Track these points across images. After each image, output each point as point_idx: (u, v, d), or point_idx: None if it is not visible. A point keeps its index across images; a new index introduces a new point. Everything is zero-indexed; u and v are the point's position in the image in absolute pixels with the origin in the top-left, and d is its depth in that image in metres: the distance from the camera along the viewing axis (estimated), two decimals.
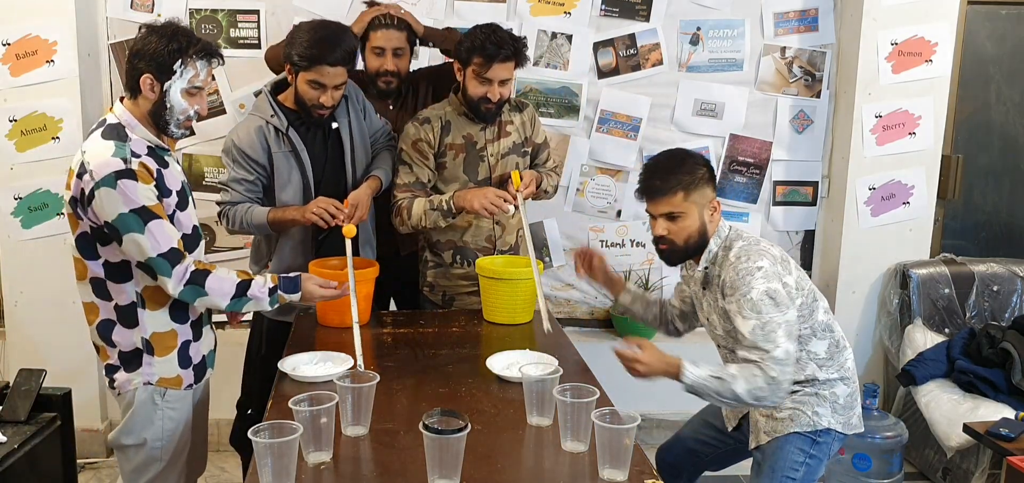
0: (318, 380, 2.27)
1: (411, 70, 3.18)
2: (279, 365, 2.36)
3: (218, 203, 2.84)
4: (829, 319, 2.41)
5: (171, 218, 2.18)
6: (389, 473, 1.84)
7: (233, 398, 3.11)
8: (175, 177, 2.23)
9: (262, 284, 2.25)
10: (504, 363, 2.40)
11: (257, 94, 3.02)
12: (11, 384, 2.63)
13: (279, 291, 2.28)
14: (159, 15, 3.62)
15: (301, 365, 2.37)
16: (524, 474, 1.91)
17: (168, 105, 2.15)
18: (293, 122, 2.78)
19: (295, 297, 2.32)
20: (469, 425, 1.74)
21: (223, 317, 3.86)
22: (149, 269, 2.14)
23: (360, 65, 3.14)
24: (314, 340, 2.63)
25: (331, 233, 2.79)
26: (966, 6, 4.02)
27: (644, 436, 3.81)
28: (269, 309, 2.30)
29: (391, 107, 3.15)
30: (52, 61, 3.48)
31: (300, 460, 1.80)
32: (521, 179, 2.87)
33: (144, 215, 2.08)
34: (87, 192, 2.09)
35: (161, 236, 2.10)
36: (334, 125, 2.84)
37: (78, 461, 2.88)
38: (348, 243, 2.67)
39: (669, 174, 2.32)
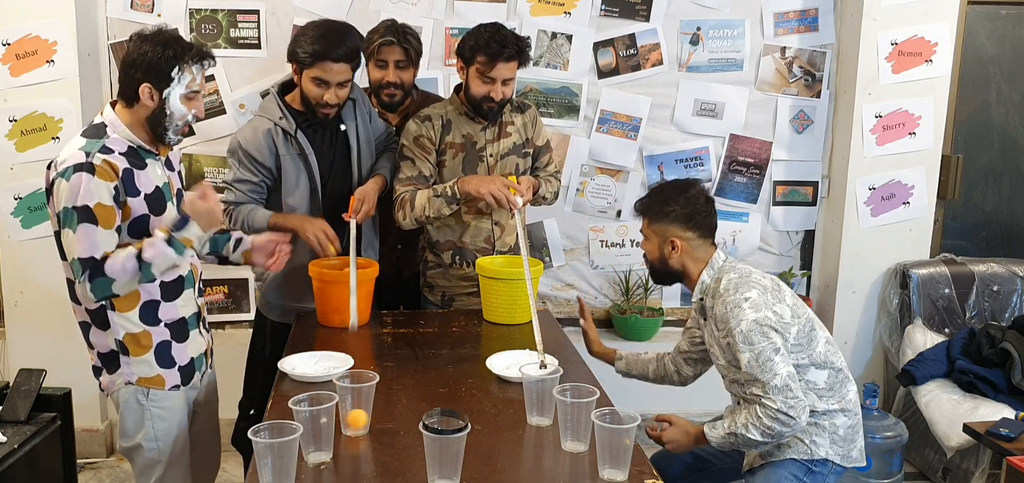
0: (318, 380, 2.26)
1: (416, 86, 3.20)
2: (279, 365, 2.36)
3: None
4: (830, 350, 2.40)
5: (144, 220, 2.19)
6: (389, 473, 1.84)
7: (234, 398, 3.11)
8: (150, 180, 2.22)
9: (152, 242, 2.13)
10: (504, 363, 2.40)
11: (264, 95, 3.01)
12: (11, 384, 2.63)
13: (174, 235, 2.14)
14: (159, 15, 3.62)
15: (301, 365, 2.36)
16: (524, 474, 1.91)
17: (168, 111, 2.17)
18: (301, 124, 2.78)
19: (192, 229, 2.17)
20: (469, 425, 1.74)
21: (221, 317, 3.91)
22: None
23: (365, 83, 3.16)
24: (314, 340, 2.63)
25: (334, 226, 2.79)
26: (966, 6, 4.01)
27: (644, 436, 3.81)
28: (180, 256, 2.16)
29: (395, 120, 3.15)
30: (52, 61, 3.48)
31: (300, 460, 1.80)
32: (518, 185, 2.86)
33: (82, 215, 2.08)
34: (50, 182, 2.15)
35: (88, 241, 2.09)
36: (342, 128, 2.85)
37: (78, 461, 2.88)
38: (352, 228, 2.70)
39: (649, 197, 2.48)
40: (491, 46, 2.76)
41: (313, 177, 2.80)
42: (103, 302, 2.19)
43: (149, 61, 2.13)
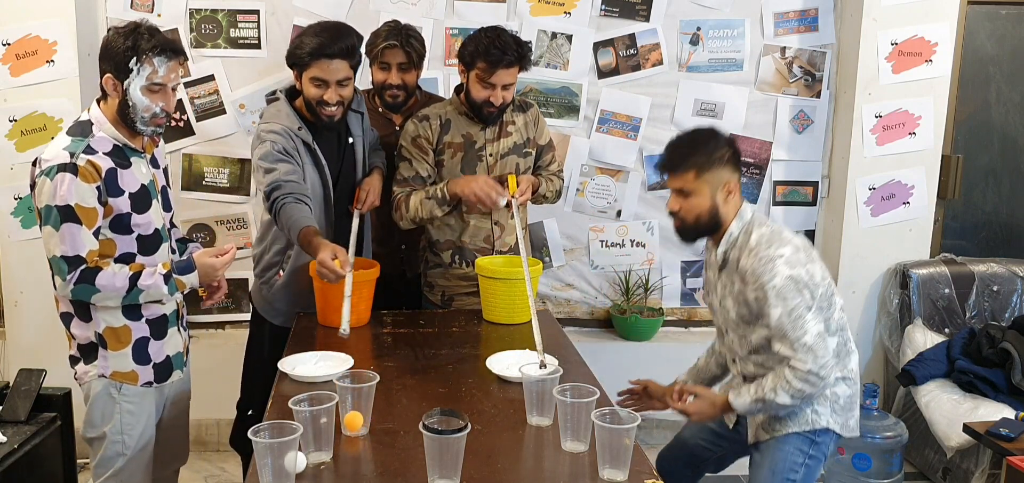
0: (318, 380, 2.26)
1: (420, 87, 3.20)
2: (279, 365, 2.36)
3: (271, 194, 2.66)
4: (843, 319, 2.41)
5: (127, 218, 2.21)
6: (389, 473, 1.84)
7: (233, 398, 3.11)
8: (135, 178, 2.24)
9: (152, 272, 2.23)
10: (504, 363, 2.40)
11: (270, 98, 2.94)
12: (11, 384, 2.64)
13: (174, 275, 2.26)
14: (159, 15, 3.62)
15: (301, 365, 2.36)
16: (524, 474, 1.91)
17: (130, 103, 2.19)
18: (313, 133, 2.77)
19: (192, 278, 2.28)
20: (469, 425, 1.74)
21: (221, 317, 3.91)
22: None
23: (367, 84, 3.15)
24: (314, 340, 2.63)
25: (339, 234, 2.78)
26: (966, 6, 4.01)
27: (644, 436, 3.81)
28: (170, 295, 2.27)
29: (398, 119, 3.15)
30: (52, 61, 3.48)
31: None
32: (517, 184, 2.85)
33: (65, 214, 2.12)
34: (34, 179, 2.18)
35: (71, 240, 2.14)
36: (350, 140, 2.85)
37: (78, 461, 2.88)
38: (355, 219, 2.72)
39: (686, 151, 2.32)
40: (491, 52, 2.75)
41: (326, 185, 2.79)
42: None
43: (110, 53, 2.17)
